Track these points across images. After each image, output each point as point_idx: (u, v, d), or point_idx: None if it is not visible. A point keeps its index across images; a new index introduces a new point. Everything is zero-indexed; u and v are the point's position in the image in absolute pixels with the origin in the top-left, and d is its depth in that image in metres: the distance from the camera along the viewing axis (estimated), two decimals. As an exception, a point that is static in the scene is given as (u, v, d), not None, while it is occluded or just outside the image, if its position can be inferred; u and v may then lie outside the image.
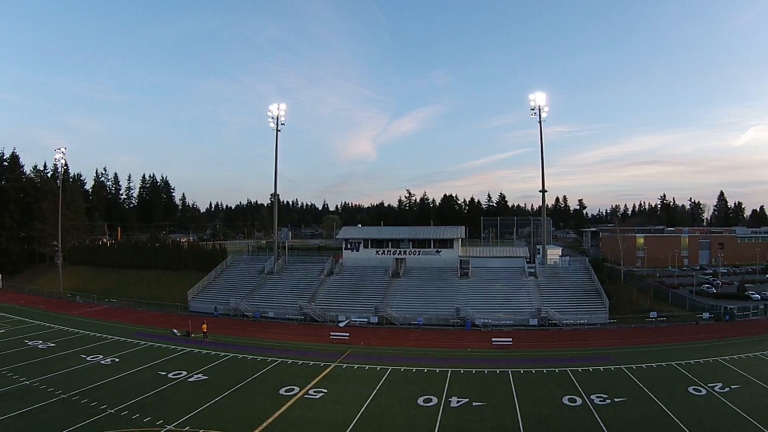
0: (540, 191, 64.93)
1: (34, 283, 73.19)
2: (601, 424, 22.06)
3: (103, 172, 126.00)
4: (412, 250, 64.38)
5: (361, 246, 66.01)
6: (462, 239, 65.92)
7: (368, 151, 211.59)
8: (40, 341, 39.02)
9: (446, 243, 64.06)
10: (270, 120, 67.06)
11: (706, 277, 76.06)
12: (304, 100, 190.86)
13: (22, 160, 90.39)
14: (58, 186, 79.67)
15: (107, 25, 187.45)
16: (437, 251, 63.69)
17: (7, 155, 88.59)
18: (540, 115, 61.39)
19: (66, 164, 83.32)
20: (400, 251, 64.49)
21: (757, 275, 78.29)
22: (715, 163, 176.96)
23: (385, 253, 64.69)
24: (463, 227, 69.02)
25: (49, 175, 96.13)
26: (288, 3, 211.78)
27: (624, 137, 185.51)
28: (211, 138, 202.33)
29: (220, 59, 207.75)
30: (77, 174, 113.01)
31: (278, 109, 67.15)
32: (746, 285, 65.91)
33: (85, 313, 53.54)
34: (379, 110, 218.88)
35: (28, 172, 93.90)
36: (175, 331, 43.58)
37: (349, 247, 66.38)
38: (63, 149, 71.48)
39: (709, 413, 23.46)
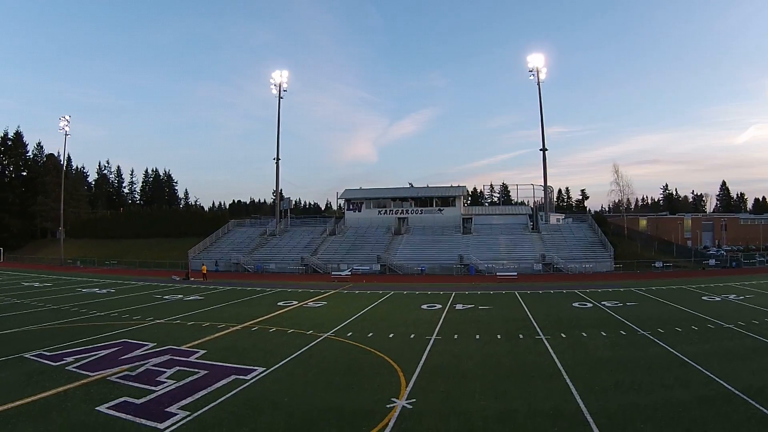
0: (540, 150, 63.43)
1: (36, 255, 72.85)
2: (616, 316, 21.00)
3: (106, 165, 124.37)
4: (414, 209, 63.48)
5: (363, 206, 65.13)
6: (464, 197, 64.89)
7: (369, 154, 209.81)
8: (37, 282, 38.46)
9: (448, 201, 63.12)
10: (273, 87, 65.99)
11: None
12: (301, 103, 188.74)
13: (25, 139, 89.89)
14: (60, 161, 79.29)
15: (99, 31, 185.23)
16: (439, 209, 62.72)
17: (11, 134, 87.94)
18: (538, 77, 59.65)
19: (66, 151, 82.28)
20: (403, 210, 63.59)
21: (760, 252, 77.03)
22: (716, 161, 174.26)
23: (388, 212, 63.79)
24: (465, 186, 68.05)
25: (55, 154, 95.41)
26: (282, 6, 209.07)
27: (623, 137, 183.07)
28: (211, 141, 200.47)
29: (216, 63, 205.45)
30: (80, 166, 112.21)
31: (280, 76, 66.10)
32: (751, 252, 64.72)
33: (84, 271, 52.94)
34: (378, 113, 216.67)
35: (30, 150, 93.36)
36: (175, 277, 42.95)
37: (351, 207, 65.54)
38: (67, 117, 70.23)
39: (727, 309, 22.40)
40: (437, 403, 10.17)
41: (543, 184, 63.74)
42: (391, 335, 17.35)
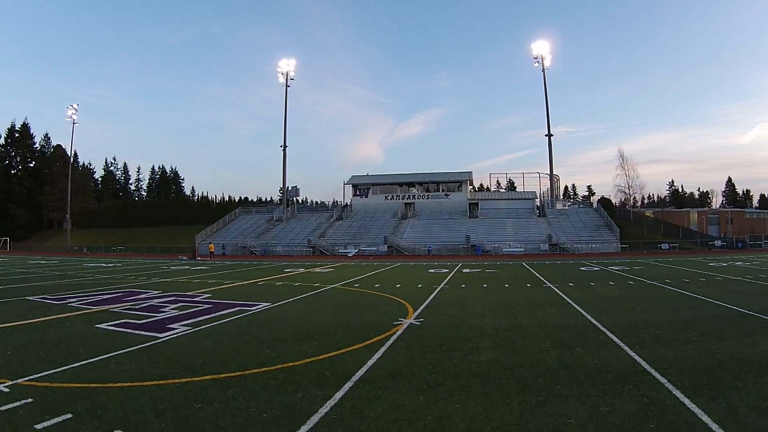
0: (546, 135, 62.80)
1: (42, 244, 73.04)
2: (624, 274, 20.80)
3: (113, 161, 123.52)
4: (421, 194, 63.22)
5: (370, 192, 64.88)
6: (470, 181, 64.57)
7: (375, 154, 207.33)
8: (43, 261, 38.52)
9: (455, 186, 62.74)
10: (279, 75, 65.86)
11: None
12: (309, 103, 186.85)
13: (32, 131, 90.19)
14: (67, 152, 79.44)
15: (108, 32, 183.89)
16: (446, 195, 62.36)
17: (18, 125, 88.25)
18: (542, 64, 59.23)
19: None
20: (409, 196, 63.33)
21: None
22: (721, 160, 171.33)
23: (394, 198, 63.54)
24: (471, 171, 67.70)
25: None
26: (290, 8, 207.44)
27: (628, 136, 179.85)
28: (218, 143, 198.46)
29: (225, 64, 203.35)
30: (87, 163, 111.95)
31: (287, 64, 65.97)
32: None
33: (91, 256, 53.05)
34: (385, 113, 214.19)
35: (38, 142, 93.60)
36: (182, 257, 42.94)
37: (358, 193, 65.28)
38: (75, 106, 70.17)
39: (734, 269, 22.37)
40: (446, 321, 9.97)
41: (549, 172, 63.45)
42: (398, 286, 17.16)
